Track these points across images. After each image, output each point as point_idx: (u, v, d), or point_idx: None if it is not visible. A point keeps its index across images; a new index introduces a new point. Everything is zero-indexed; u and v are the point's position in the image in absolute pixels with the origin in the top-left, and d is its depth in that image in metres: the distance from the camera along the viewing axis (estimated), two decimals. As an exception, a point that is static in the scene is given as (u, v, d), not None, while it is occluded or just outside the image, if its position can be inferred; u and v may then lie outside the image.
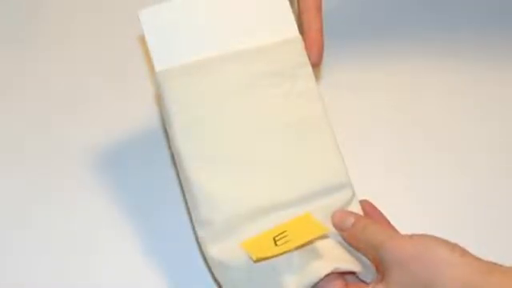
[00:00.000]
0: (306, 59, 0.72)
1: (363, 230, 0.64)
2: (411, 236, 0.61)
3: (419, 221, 0.71)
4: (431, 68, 0.87)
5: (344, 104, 0.82)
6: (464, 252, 0.58)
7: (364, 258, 0.65)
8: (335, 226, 0.66)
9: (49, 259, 0.73)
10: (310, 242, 0.64)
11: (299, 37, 0.73)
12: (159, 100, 0.75)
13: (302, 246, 0.63)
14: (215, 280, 0.69)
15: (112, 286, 0.72)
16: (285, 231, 0.64)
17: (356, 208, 0.69)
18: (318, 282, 0.63)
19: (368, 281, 0.64)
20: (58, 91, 0.85)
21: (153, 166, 0.79)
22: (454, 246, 0.58)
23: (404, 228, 0.66)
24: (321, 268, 0.62)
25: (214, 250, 0.65)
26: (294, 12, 0.73)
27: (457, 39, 0.90)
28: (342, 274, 0.64)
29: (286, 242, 0.62)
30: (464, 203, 0.77)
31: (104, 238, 0.74)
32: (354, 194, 0.69)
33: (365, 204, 0.69)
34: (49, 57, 0.88)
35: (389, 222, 0.68)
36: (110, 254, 0.73)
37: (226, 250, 0.65)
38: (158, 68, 0.70)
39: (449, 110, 0.84)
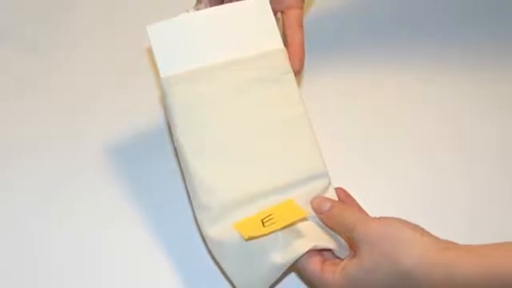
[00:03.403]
0: (289, 67, 0.73)
1: (338, 214, 0.65)
2: (379, 219, 0.62)
3: (386, 205, 0.72)
4: (402, 75, 0.87)
5: (322, 105, 0.82)
6: (424, 232, 0.59)
7: (339, 237, 0.66)
8: (314, 210, 0.67)
9: (63, 244, 0.73)
10: (293, 224, 0.65)
11: (284, 48, 0.73)
12: (163, 102, 0.75)
13: (286, 227, 0.64)
14: (213, 257, 0.69)
15: (121, 266, 0.71)
16: (271, 214, 0.65)
17: (332, 194, 0.69)
18: (299, 258, 0.64)
19: (343, 257, 0.65)
20: (76, 94, 0.85)
21: (158, 158, 0.79)
22: (415, 227, 0.60)
23: (373, 211, 0.67)
24: (302, 245, 0.64)
25: (212, 231, 0.66)
26: (279, 27, 0.74)
27: (427, 48, 0.90)
28: (321, 251, 0.65)
29: (272, 224, 0.63)
30: (425, 192, 0.77)
31: (113, 221, 0.74)
32: (330, 183, 0.70)
33: (339, 191, 0.70)
34: (68, 63, 0.88)
35: (360, 207, 0.69)
36: (119, 237, 0.73)
37: (221, 230, 0.65)
38: (162, 74, 0.70)
39: (417, 111, 0.84)
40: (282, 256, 0.64)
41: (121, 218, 0.74)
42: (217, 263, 0.69)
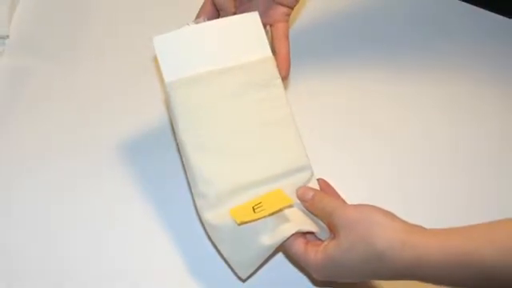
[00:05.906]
0: (277, 73, 0.74)
1: (320, 201, 0.66)
2: (355, 205, 0.64)
3: (361, 194, 0.73)
4: (374, 79, 0.88)
5: (305, 107, 0.83)
6: (394, 217, 0.61)
7: (321, 222, 0.67)
8: (299, 198, 0.69)
9: (80, 224, 0.73)
10: (280, 210, 0.67)
11: (272, 56, 0.75)
12: (167, 103, 0.75)
13: (274, 213, 0.66)
14: (210, 239, 0.71)
15: (128, 250, 0.72)
16: (261, 202, 0.67)
17: (314, 184, 0.71)
18: (286, 240, 0.65)
19: (323, 239, 0.66)
20: (90, 98, 0.85)
21: (161, 152, 0.79)
22: (386, 213, 0.61)
23: (350, 199, 0.69)
24: (288, 229, 0.65)
25: (209, 216, 0.67)
26: (268, 39, 0.75)
27: (396, 56, 0.92)
28: (304, 234, 0.67)
29: (262, 210, 0.65)
30: (395, 182, 0.79)
31: (122, 210, 0.74)
32: (312, 174, 0.72)
33: (321, 181, 0.72)
34: (84, 70, 0.88)
35: (338, 195, 0.71)
36: (127, 223, 0.73)
37: (217, 216, 0.67)
38: (166, 79, 0.71)
39: (388, 110, 0.85)
40: (270, 238, 0.65)
41: (128, 209, 0.74)
42: (214, 245, 0.70)
